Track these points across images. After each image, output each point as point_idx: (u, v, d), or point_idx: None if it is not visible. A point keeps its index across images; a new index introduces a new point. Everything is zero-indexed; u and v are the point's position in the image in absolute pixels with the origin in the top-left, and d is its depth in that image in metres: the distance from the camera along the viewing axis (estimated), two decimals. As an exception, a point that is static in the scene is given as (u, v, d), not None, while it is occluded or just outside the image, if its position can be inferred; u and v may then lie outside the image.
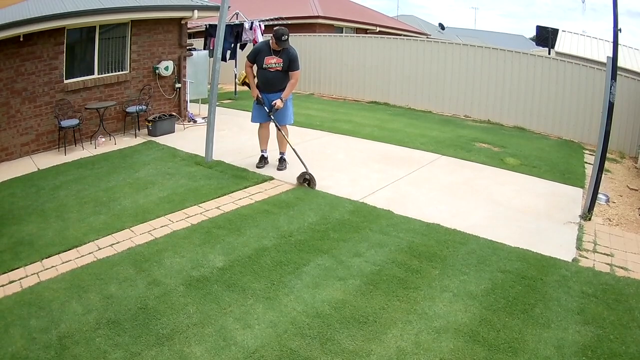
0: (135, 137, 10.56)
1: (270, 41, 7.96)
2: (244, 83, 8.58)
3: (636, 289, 5.27)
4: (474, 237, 6.28)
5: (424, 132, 11.97)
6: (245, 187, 7.66)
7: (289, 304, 4.64)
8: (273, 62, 7.97)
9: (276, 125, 8.31)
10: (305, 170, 7.81)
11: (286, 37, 7.80)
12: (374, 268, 5.36)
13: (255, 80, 8.30)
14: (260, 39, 15.84)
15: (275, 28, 7.95)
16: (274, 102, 8.08)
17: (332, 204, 7.08)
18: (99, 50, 10.39)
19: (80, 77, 10.14)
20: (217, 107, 9.03)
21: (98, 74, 10.43)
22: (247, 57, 8.25)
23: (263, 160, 8.73)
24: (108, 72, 10.63)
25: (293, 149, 8.08)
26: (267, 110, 8.17)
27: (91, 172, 8.37)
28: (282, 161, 8.69)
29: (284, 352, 3.98)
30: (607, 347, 4.24)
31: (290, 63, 8.06)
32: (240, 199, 7.22)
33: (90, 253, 5.56)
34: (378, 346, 4.11)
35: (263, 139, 8.70)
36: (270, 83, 8.14)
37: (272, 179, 8.04)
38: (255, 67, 8.25)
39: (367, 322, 4.42)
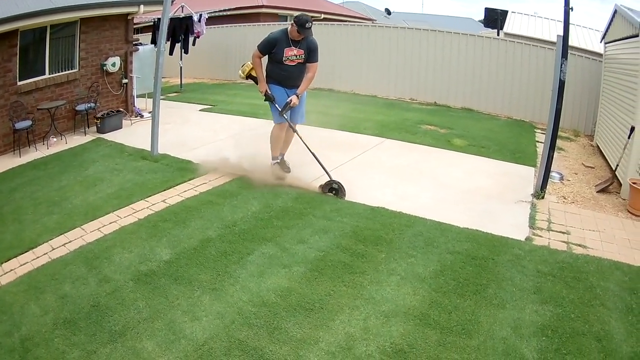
0: (85, 135, 10.60)
1: (289, 29, 7.10)
2: (248, 76, 7.61)
3: (597, 266, 5.29)
4: (420, 219, 6.30)
5: (369, 116, 12.07)
6: (190, 179, 7.70)
7: (235, 294, 4.68)
8: (293, 53, 7.17)
9: (290, 126, 7.51)
10: (330, 179, 7.09)
11: (310, 24, 6.95)
12: (318, 254, 5.38)
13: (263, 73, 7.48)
14: (205, 31, 15.99)
15: (296, 15, 7.10)
16: (290, 98, 7.29)
17: (275, 191, 7.07)
18: (50, 50, 10.37)
19: (33, 78, 10.13)
20: (163, 101, 9.08)
21: (49, 74, 10.43)
22: (258, 47, 7.27)
23: (286, 165, 7.94)
24: (58, 72, 10.63)
25: (312, 153, 7.26)
26: (279, 108, 7.33)
27: (44, 172, 8.41)
28: (284, 161, 7.96)
29: (232, 343, 4.03)
30: (568, 327, 4.25)
31: (310, 54, 7.28)
32: (185, 191, 7.29)
33: (45, 254, 5.63)
34: (326, 333, 4.14)
35: (280, 142, 7.78)
36: (291, 77, 7.36)
37: (215, 169, 7.98)
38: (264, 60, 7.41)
39: (313, 309, 4.45)
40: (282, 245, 5.62)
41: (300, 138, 7.41)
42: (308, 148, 7.30)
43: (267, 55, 7.33)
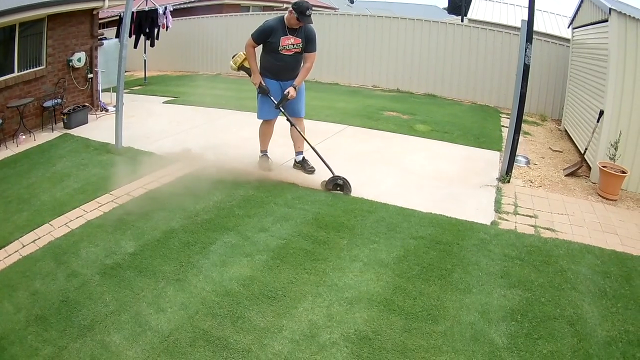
0: (53, 132, 10.61)
1: (287, 17, 6.72)
2: (240, 68, 7.19)
3: (566, 249, 5.36)
4: (383, 205, 6.36)
5: (330, 104, 12.15)
6: (153, 171, 7.66)
7: (198, 284, 4.74)
8: (290, 42, 6.80)
9: (288, 120, 7.23)
10: (334, 175, 6.85)
11: (311, 11, 6.64)
12: (280, 242, 5.44)
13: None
14: (171, 24, 16.02)
15: (295, 1, 6.64)
16: (287, 91, 6.92)
17: (236, 180, 7.09)
18: (19, 48, 10.36)
19: (3, 76, 10.12)
20: (127, 94, 9.06)
21: (18, 72, 10.41)
22: (252, 36, 6.85)
23: (269, 162, 7.69)
24: (26, 69, 10.62)
25: (313, 149, 7.14)
26: (275, 102, 6.97)
27: (14, 170, 8.42)
28: (305, 161, 7.68)
29: (197, 334, 4.08)
30: (539, 311, 4.30)
31: (308, 43, 6.92)
32: (148, 183, 7.32)
33: (16, 251, 5.65)
34: (289, 321, 4.20)
35: (268, 137, 7.63)
36: (288, 68, 6.98)
37: (178, 160, 7.95)
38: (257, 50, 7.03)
39: (276, 297, 4.51)
40: (244, 234, 5.68)
41: (299, 132, 7.28)
42: (308, 143, 7.25)
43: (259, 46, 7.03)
